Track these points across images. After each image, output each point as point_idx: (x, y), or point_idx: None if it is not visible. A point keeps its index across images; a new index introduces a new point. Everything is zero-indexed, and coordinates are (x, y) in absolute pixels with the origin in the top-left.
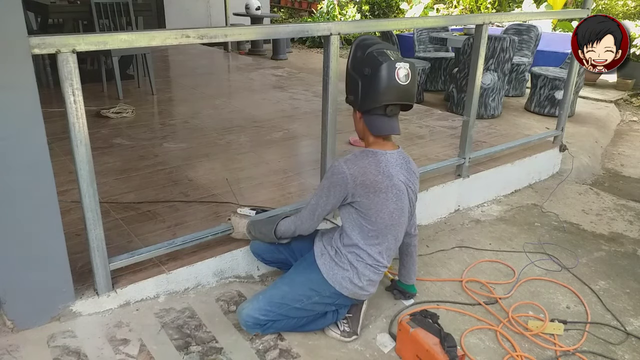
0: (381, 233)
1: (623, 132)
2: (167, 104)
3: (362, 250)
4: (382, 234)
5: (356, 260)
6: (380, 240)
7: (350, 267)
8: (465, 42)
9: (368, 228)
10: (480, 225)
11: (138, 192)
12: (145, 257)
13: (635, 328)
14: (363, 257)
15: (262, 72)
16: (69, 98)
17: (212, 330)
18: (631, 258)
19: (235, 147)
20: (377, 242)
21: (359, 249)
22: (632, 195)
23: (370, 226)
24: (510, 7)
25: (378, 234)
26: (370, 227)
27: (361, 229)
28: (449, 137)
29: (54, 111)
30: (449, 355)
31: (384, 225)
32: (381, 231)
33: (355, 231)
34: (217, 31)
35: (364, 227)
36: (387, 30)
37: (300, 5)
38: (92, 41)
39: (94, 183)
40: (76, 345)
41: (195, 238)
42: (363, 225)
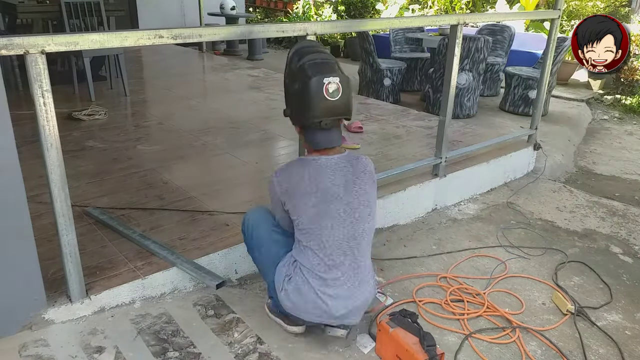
0: (304, 235)
1: (595, 130)
2: (141, 105)
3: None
4: (305, 236)
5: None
6: (310, 244)
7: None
8: (440, 43)
9: (296, 230)
10: (458, 224)
11: (111, 196)
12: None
13: (609, 322)
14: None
15: (238, 73)
16: (38, 100)
17: (190, 335)
18: (604, 254)
19: (211, 149)
20: (303, 244)
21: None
22: (604, 192)
23: (296, 229)
24: (484, 7)
25: (301, 235)
26: (297, 229)
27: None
28: (425, 137)
29: (23, 114)
30: (428, 354)
31: (303, 228)
32: (303, 233)
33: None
34: (191, 31)
35: (298, 236)
36: (363, 31)
37: (276, 6)
38: (62, 42)
39: (65, 187)
40: (49, 354)
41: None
42: (297, 234)
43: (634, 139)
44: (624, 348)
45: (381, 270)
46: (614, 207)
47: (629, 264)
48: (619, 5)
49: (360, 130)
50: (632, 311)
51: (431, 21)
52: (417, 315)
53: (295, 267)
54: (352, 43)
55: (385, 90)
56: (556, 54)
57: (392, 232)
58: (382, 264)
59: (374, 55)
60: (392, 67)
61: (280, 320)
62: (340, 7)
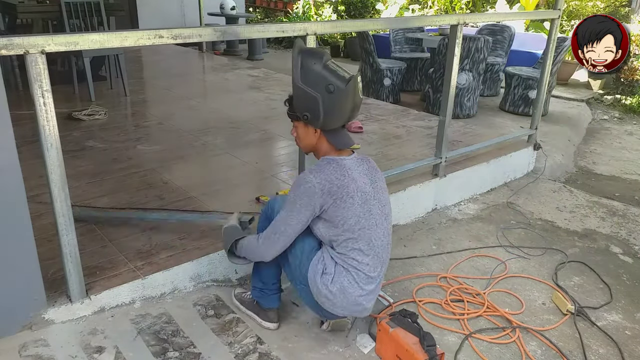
0: (350, 238)
1: (595, 130)
2: (141, 105)
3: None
4: (352, 239)
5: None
6: (359, 245)
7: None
8: (440, 43)
9: (337, 234)
10: (458, 224)
11: (111, 196)
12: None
13: (609, 322)
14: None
15: (238, 73)
16: (38, 100)
17: (190, 335)
18: (604, 254)
19: (211, 149)
20: (348, 248)
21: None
22: (604, 192)
23: (339, 232)
24: (484, 7)
25: (347, 238)
26: (339, 233)
27: (330, 238)
28: (425, 137)
29: (24, 114)
30: (428, 354)
31: (351, 230)
32: (350, 236)
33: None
34: (191, 31)
35: (333, 235)
36: (363, 31)
37: (276, 6)
38: (62, 42)
39: (65, 187)
40: (49, 354)
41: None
42: (332, 234)
43: (634, 139)
44: (624, 348)
45: None
46: (614, 207)
47: (629, 264)
48: (619, 5)
49: (360, 130)
50: (632, 311)
51: (431, 21)
52: (417, 315)
53: (339, 269)
54: (352, 43)
55: (385, 90)
56: (556, 54)
57: (392, 232)
58: None
59: (374, 55)
60: (392, 67)
61: (255, 314)
62: (340, 7)
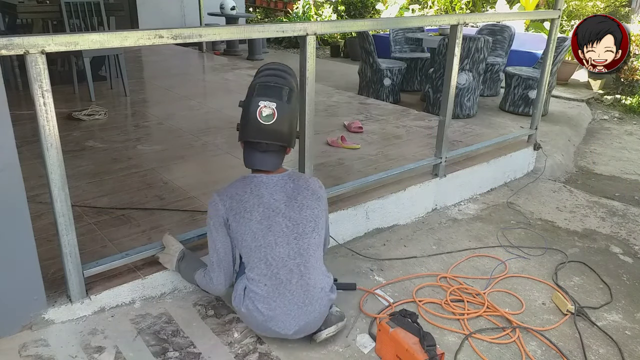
0: (250, 256)
1: (594, 130)
2: (141, 105)
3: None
4: (251, 257)
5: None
6: (257, 265)
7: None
8: (440, 43)
9: (243, 252)
10: (458, 224)
11: (112, 196)
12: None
13: (609, 322)
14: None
15: (238, 73)
16: (38, 100)
17: (190, 335)
18: (604, 254)
19: (211, 149)
20: (249, 268)
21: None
22: (604, 192)
23: (243, 250)
24: (484, 7)
25: (249, 257)
26: (243, 251)
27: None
28: (425, 137)
29: (23, 114)
30: (428, 354)
31: (248, 247)
32: (249, 254)
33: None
34: (191, 31)
35: (242, 254)
36: (363, 31)
37: (276, 5)
38: (62, 42)
39: (65, 187)
40: (49, 354)
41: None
42: (241, 252)
43: (634, 139)
44: (624, 348)
45: (381, 270)
46: (614, 207)
47: (629, 264)
48: (619, 5)
49: (360, 130)
50: (632, 311)
51: (431, 21)
52: (417, 315)
53: (246, 294)
54: (352, 43)
55: (385, 90)
56: (556, 54)
57: (392, 232)
58: (382, 264)
59: (374, 55)
60: (392, 67)
61: None
62: (340, 7)
